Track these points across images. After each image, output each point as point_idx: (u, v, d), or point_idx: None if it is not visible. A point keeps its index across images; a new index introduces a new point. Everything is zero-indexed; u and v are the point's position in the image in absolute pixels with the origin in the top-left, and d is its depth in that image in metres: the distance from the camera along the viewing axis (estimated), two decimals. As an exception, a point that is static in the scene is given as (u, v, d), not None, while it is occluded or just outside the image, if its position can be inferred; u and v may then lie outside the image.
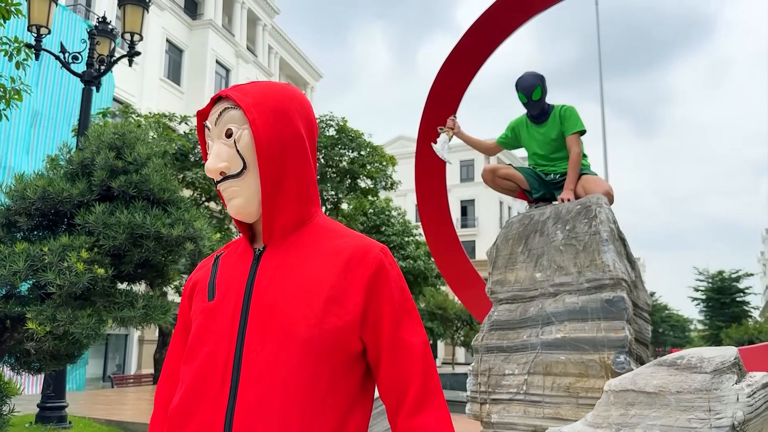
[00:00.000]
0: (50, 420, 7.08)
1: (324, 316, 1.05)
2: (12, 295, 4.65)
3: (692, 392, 2.21)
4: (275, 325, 1.05)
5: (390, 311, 1.10)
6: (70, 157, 5.04)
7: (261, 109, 1.11)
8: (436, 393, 1.09)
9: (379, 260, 1.11)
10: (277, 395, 1.02)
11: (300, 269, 1.10)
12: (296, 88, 1.21)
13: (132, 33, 7.73)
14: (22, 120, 16.76)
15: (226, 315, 1.09)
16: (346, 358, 1.08)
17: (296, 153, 1.13)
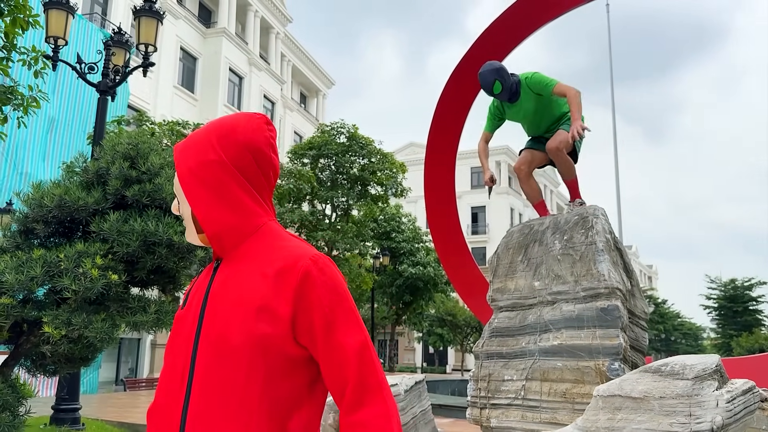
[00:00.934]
0: (64, 422, 7.25)
1: (254, 323, 1.15)
2: (29, 299, 4.81)
3: (674, 397, 2.32)
4: (214, 332, 1.17)
5: (320, 316, 1.16)
6: (86, 166, 5.21)
7: (182, 152, 1.29)
8: (375, 389, 1.15)
9: (306, 268, 1.18)
10: (217, 394, 1.14)
11: (238, 280, 1.21)
12: (236, 117, 1.33)
13: (146, 44, 7.92)
14: (39, 127, 17.08)
15: (188, 322, 1.23)
16: (284, 363, 1.16)
17: (216, 177, 1.25)
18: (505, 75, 4.41)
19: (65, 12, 7.67)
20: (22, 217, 4.95)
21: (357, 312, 1.23)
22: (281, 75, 31.78)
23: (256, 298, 1.17)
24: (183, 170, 1.27)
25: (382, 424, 1.13)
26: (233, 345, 1.15)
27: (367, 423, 1.13)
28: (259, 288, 1.18)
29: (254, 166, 1.28)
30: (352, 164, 18.61)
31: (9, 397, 4.58)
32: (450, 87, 10.70)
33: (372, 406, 1.14)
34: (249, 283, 1.19)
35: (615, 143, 26.17)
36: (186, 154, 1.28)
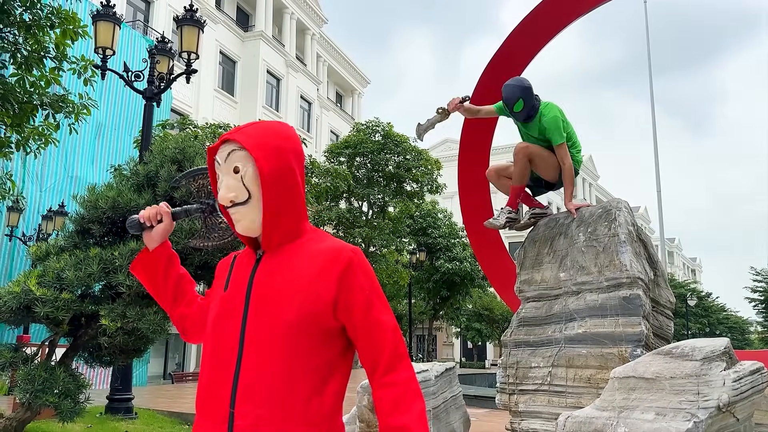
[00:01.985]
0: (118, 411, 7.68)
1: (303, 302, 1.38)
2: (87, 295, 5.18)
3: (683, 377, 2.48)
4: (266, 310, 1.39)
5: (361, 297, 1.42)
6: (137, 169, 5.56)
7: (262, 148, 1.43)
8: (403, 358, 1.43)
9: (349, 258, 1.43)
10: (268, 363, 1.36)
11: (287, 269, 1.43)
12: (288, 127, 1.53)
13: (189, 52, 8.29)
14: (88, 132, 17.78)
15: (234, 303, 1.44)
16: (324, 334, 1.40)
17: (288, 182, 1.45)
18: (530, 96, 4.28)
19: (112, 23, 8.09)
20: (78, 218, 5.33)
21: (385, 296, 1.51)
22: (317, 75, 32.22)
23: (307, 282, 1.40)
24: (266, 171, 1.42)
25: (410, 383, 1.41)
26: (285, 320, 1.37)
27: (399, 382, 1.40)
28: (306, 274, 1.41)
29: (303, 175, 1.53)
30: (388, 162, 18.85)
31: (70, 385, 4.94)
32: (483, 82, 10.79)
33: (402, 370, 1.42)
34: (298, 271, 1.42)
35: (654, 136, 25.77)
36: (267, 156, 1.43)
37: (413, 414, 1.38)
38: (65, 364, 5.19)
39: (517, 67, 11.48)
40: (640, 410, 2.57)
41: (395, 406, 1.38)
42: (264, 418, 1.34)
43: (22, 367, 4.74)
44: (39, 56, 7.74)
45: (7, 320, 4.86)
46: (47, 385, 4.70)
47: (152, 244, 1.60)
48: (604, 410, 2.76)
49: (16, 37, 7.70)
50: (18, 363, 4.82)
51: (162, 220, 1.59)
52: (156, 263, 1.61)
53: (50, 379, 4.75)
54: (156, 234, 1.59)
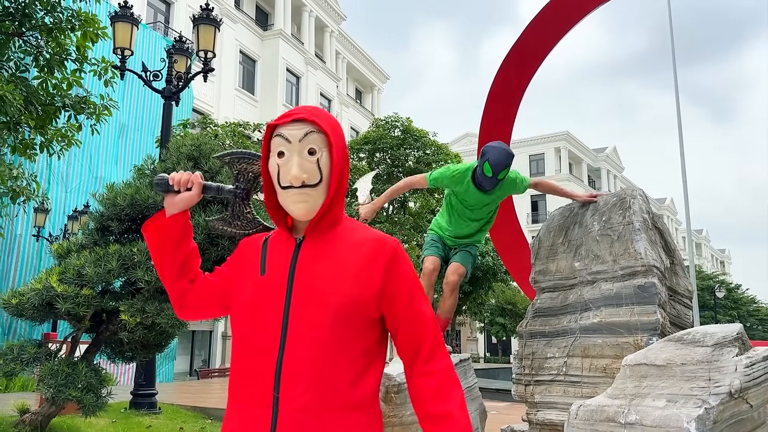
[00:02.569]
0: (142, 406, 7.80)
1: (351, 289, 1.39)
2: (107, 291, 5.28)
3: (695, 364, 2.44)
4: (314, 296, 1.39)
5: (405, 287, 1.46)
6: (154, 167, 5.64)
7: (337, 135, 1.45)
8: (441, 347, 1.47)
9: (395, 249, 1.47)
10: (314, 348, 1.35)
11: (333, 255, 1.43)
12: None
13: (206, 50, 8.37)
14: (111, 133, 18.04)
15: (275, 288, 1.42)
16: (367, 322, 1.42)
17: (346, 171, 1.49)
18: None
19: (130, 24, 8.19)
20: (98, 215, 5.43)
21: None
22: (336, 72, 32.28)
23: (354, 270, 1.42)
24: (338, 158, 1.44)
25: (450, 372, 1.45)
26: (332, 307, 1.38)
27: (439, 371, 1.44)
28: (353, 262, 1.43)
29: None
30: (407, 157, 18.84)
31: (92, 379, 5.04)
32: (502, 73, 10.69)
33: (442, 358, 1.46)
34: (343, 258, 1.43)
35: (680, 126, 25.34)
36: (340, 143, 1.46)
37: (455, 402, 1.41)
38: (87, 359, 5.30)
39: (536, 59, 11.38)
40: (652, 397, 2.54)
41: (436, 395, 1.41)
42: (310, 403, 1.34)
43: (46, 362, 4.85)
44: (61, 59, 7.87)
45: (30, 316, 4.97)
46: (70, 380, 4.80)
47: (172, 209, 1.56)
48: (616, 398, 2.74)
49: (38, 41, 7.85)
50: (42, 359, 4.92)
51: (191, 189, 1.55)
52: (171, 230, 1.56)
53: (73, 374, 4.85)
54: (180, 200, 1.56)
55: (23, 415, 5.29)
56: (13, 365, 4.81)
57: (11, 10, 7.59)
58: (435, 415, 1.39)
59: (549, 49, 11.04)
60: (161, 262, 1.59)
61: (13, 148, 7.82)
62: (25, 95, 7.33)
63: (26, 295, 4.82)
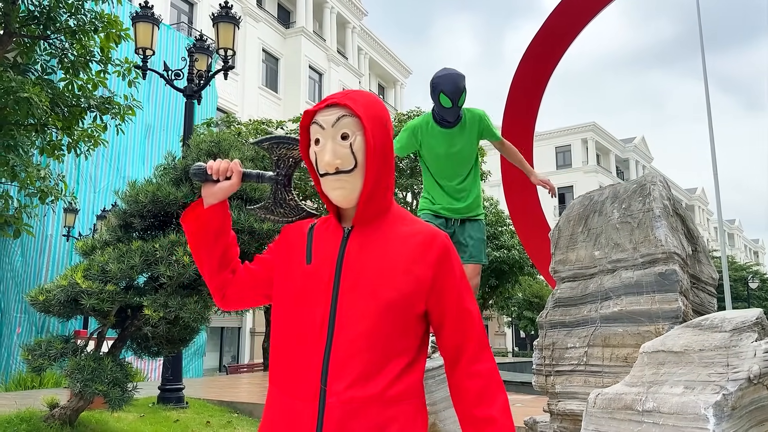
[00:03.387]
0: (170, 401, 7.92)
1: (401, 283, 1.37)
2: (131, 286, 5.36)
3: (712, 349, 2.39)
4: (363, 288, 1.36)
5: (454, 284, 1.43)
6: (175, 164, 5.71)
7: (372, 119, 1.39)
8: (487, 349, 1.45)
9: (445, 244, 1.44)
10: (362, 341, 1.33)
11: (382, 247, 1.40)
12: (381, 101, 1.50)
13: (225, 48, 8.44)
14: (137, 133, 18.33)
15: (322, 278, 1.39)
16: (414, 316, 1.40)
17: (388, 156, 1.43)
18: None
19: (150, 24, 8.30)
20: (121, 212, 5.52)
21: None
22: (359, 68, 32.31)
23: (404, 264, 1.39)
24: (375, 143, 1.39)
25: (495, 374, 1.43)
26: (382, 300, 1.35)
27: (485, 372, 1.41)
28: (404, 253, 1.40)
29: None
30: (431, 151, 18.79)
31: (118, 374, 5.13)
32: (523, 66, 10.57)
33: (487, 361, 1.43)
34: (393, 250, 1.40)
35: (709, 114, 24.80)
36: (376, 127, 1.40)
37: (499, 406, 1.38)
38: (113, 354, 5.39)
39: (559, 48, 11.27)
40: (669, 384, 2.50)
41: (481, 398, 1.38)
42: (358, 396, 1.31)
43: (73, 358, 4.94)
44: (85, 60, 8.02)
45: (57, 313, 5.07)
46: (96, 374, 4.89)
47: (210, 199, 1.51)
48: (634, 386, 2.70)
49: (62, 43, 8.01)
50: (69, 354, 5.02)
51: (230, 178, 1.51)
52: (209, 220, 1.52)
53: (99, 368, 4.93)
54: (219, 190, 1.51)
55: (53, 410, 5.41)
56: (41, 360, 4.92)
57: (36, 14, 7.76)
58: (479, 418, 1.37)
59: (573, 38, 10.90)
60: (200, 254, 1.55)
61: (41, 149, 8.00)
62: (51, 97, 7.49)
63: (52, 292, 4.92)
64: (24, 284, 15.29)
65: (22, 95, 6.62)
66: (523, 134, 10.97)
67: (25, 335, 15.00)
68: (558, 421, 4.12)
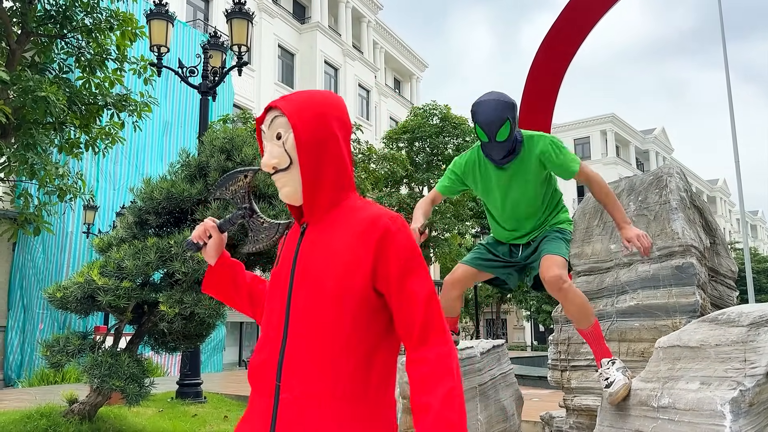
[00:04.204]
0: (188, 396, 7.98)
1: (345, 275, 1.35)
2: (147, 283, 5.39)
3: (729, 344, 2.34)
4: (309, 283, 1.37)
5: (396, 266, 1.35)
6: (188, 160, 5.73)
7: (301, 115, 1.40)
8: (438, 331, 1.35)
9: (386, 226, 1.37)
10: (312, 337, 1.34)
11: (329, 240, 1.39)
12: (334, 95, 1.50)
13: (239, 45, 8.45)
14: (155, 130, 18.47)
15: (281, 278, 1.44)
16: (367, 308, 1.36)
17: (331, 150, 1.41)
18: (516, 117, 2.91)
19: (165, 21, 8.34)
20: (136, 209, 5.55)
21: (426, 266, 1.43)
22: (374, 63, 32.24)
23: (346, 253, 1.37)
24: (305, 138, 1.39)
25: (442, 360, 1.33)
26: (327, 294, 1.35)
27: (430, 359, 1.33)
28: (347, 245, 1.37)
29: (349, 143, 1.51)
30: (447, 145, 18.68)
31: (135, 370, 5.16)
32: (541, 56, 10.46)
33: (435, 345, 1.34)
34: (338, 242, 1.39)
35: (730, 104, 24.39)
36: (306, 123, 1.40)
37: (439, 393, 1.30)
38: (131, 350, 5.43)
39: (575, 41, 11.13)
40: (685, 380, 2.45)
41: (422, 384, 1.32)
42: (308, 392, 1.32)
43: (90, 354, 4.99)
44: (101, 58, 8.08)
45: (74, 309, 5.12)
46: (113, 370, 4.93)
47: (211, 259, 1.62)
48: (649, 381, 2.65)
49: (79, 42, 8.07)
50: (86, 350, 5.07)
51: (212, 236, 1.60)
52: (222, 277, 1.64)
53: (116, 364, 4.97)
54: (211, 249, 1.61)
55: (72, 405, 5.47)
56: (60, 357, 4.97)
57: (53, 13, 7.83)
58: (416, 406, 1.31)
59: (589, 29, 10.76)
60: (233, 304, 1.68)
61: (59, 147, 8.08)
62: (69, 95, 7.56)
63: (69, 289, 4.96)
64: (46, 281, 15.51)
65: (40, 94, 6.68)
66: (540, 126, 10.88)
67: (47, 331, 15.23)
68: (574, 416, 4.08)
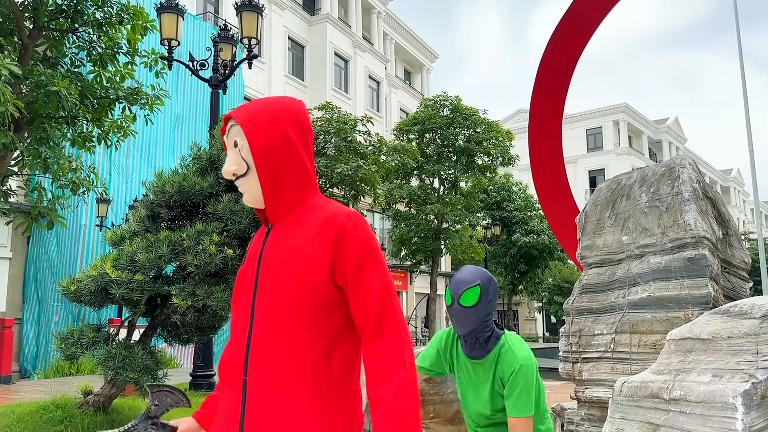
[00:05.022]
0: (201, 387, 8.06)
1: (303, 272, 1.40)
2: (159, 276, 5.44)
3: (741, 337, 2.33)
4: (270, 282, 1.43)
5: (352, 262, 1.40)
6: (200, 154, 5.76)
7: (254, 122, 1.46)
8: (392, 324, 1.39)
9: (342, 224, 1.42)
10: (273, 332, 1.40)
11: (290, 239, 1.45)
12: (291, 100, 1.55)
13: (249, 38, 8.46)
14: (167, 123, 18.54)
15: (247, 278, 1.50)
16: (326, 303, 1.41)
17: (286, 153, 1.47)
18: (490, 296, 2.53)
19: (175, 14, 8.36)
20: (149, 203, 5.59)
21: (383, 261, 1.47)
22: (384, 54, 32.14)
23: (304, 251, 1.42)
24: (258, 143, 1.45)
25: (395, 352, 1.37)
26: (287, 290, 1.40)
27: (383, 351, 1.37)
28: (305, 243, 1.43)
29: (309, 145, 1.55)
30: (457, 136, 18.61)
31: (148, 362, 5.22)
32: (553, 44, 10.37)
33: (388, 339, 1.39)
34: (298, 240, 1.44)
35: (745, 93, 24.12)
36: (259, 129, 1.46)
37: (392, 385, 1.34)
38: (144, 342, 5.49)
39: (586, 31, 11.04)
40: (697, 372, 2.44)
41: (376, 377, 1.36)
42: (271, 384, 1.38)
43: (104, 346, 5.05)
44: (113, 52, 8.13)
45: (88, 302, 5.18)
46: (127, 362, 4.99)
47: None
48: (660, 374, 2.65)
49: (90, 36, 8.11)
50: (100, 342, 5.13)
51: None
52: None
53: (129, 356, 5.03)
54: None
55: (86, 397, 5.54)
56: (74, 349, 5.03)
57: (64, 8, 7.87)
58: (371, 398, 1.36)
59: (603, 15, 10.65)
60: None
61: (72, 141, 8.14)
62: (81, 89, 7.61)
63: (83, 282, 5.02)
64: (60, 273, 15.66)
65: (52, 89, 6.73)
66: (552, 117, 10.80)
67: (61, 323, 15.40)
68: (585, 408, 4.08)
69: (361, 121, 16.94)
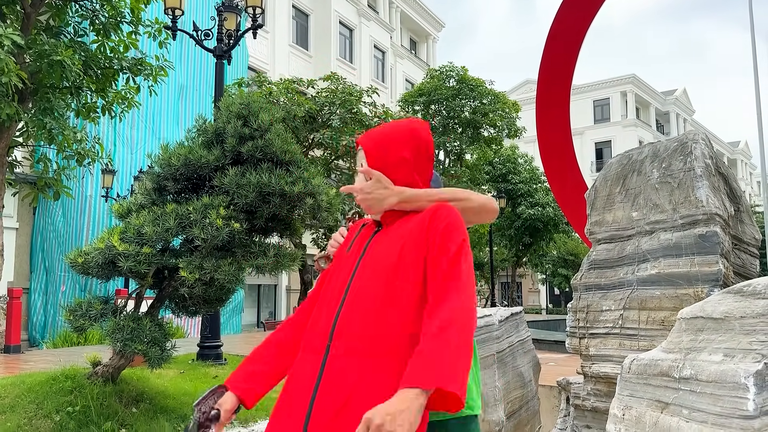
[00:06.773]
0: (208, 357, 8.13)
1: (400, 252, 1.59)
2: (166, 249, 5.43)
3: (754, 317, 2.31)
4: (372, 262, 1.62)
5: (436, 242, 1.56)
6: (205, 126, 5.70)
7: (372, 146, 1.72)
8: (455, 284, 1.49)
9: (435, 209, 1.62)
10: (363, 302, 1.56)
11: (393, 234, 1.66)
12: (413, 123, 1.77)
13: (254, 6, 8.33)
14: (171, 94, 18.42)
15: (350, 260, 1.70)
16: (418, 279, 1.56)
17: (401, 171, 1.70)
18: None
19: (179, -16, 8.21)
20: (155, 175, 5.56)
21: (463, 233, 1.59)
22: (390, 23, 31.71)
23: (406, 235, 1.62)
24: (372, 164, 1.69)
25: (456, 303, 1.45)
26: (384, 266, 1.59)
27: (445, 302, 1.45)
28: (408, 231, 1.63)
29: (425, 161, 1.76)
30: (463, 107, 18.43)
31: (157, 334, 5.24)
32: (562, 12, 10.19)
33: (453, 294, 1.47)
34: (402, 231, 1.64)
35: (755, 65, 23.77)
36: (376, 152, 1.71)
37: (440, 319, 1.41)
38: (152, 314, 5.51)
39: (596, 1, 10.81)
40: (708, 352, 2.43)
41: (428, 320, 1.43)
42: (354, 348, 1.51)
43: (112, 318, 5.07)
44: (116, 22, 8.02)
45: (96, 274, 5.18)
46: (135, 334, 5.01)
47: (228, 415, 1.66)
48: (671, 352, 2.64)
49: (93, 5, 8.00)
50: (108, 314, 5.15)
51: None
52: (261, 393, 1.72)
53: (138, 328, 5.05)
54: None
55: (95, 368, 5.59)
56: (82, 321, 5.05)
57: (66, -24, 7.75)
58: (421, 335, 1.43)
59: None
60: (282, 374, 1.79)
61: (76, 111, 8.09)
62: (84, 59, 7.52)
63: (91, 254, 5.01)
64: (66, 244, 15.73)
65: (56, 58, 6.66)
66: (560, 88, 10.67)
67: (69, 293, 15.51)
68: (592, 383, 4.09)
69: (367, 92, 16.78)
